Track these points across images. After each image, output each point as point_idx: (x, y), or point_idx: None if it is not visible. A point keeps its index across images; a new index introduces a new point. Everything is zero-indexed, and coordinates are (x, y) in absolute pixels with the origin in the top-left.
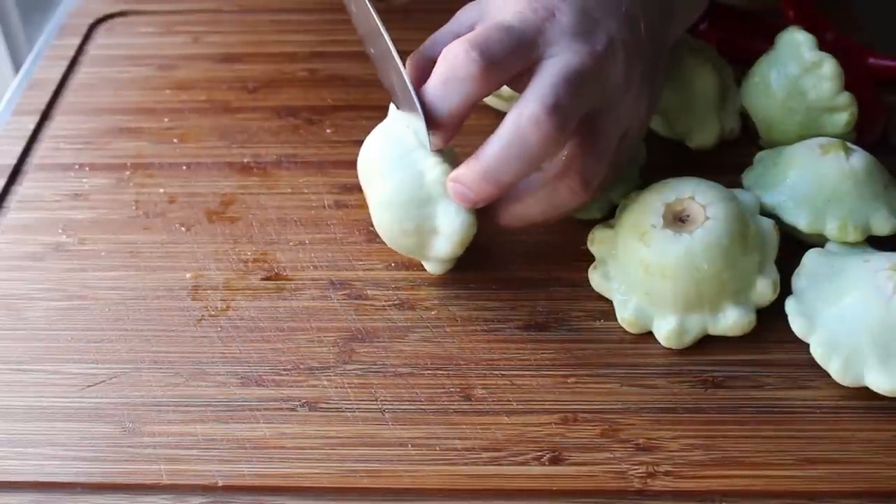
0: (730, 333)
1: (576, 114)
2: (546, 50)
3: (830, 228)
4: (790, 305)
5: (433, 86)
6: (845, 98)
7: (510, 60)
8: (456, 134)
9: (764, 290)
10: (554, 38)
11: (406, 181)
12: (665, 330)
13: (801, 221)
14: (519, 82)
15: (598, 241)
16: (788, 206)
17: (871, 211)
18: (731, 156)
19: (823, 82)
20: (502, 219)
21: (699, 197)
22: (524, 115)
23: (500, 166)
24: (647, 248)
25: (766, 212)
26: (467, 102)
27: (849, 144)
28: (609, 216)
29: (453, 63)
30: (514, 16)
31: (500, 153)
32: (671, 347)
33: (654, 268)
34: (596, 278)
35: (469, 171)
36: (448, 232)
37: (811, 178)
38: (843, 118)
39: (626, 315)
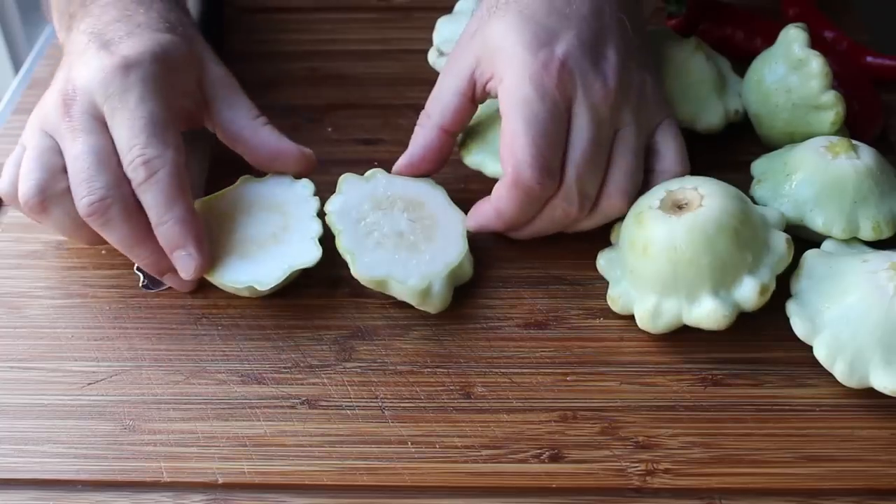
0: (703, 325)
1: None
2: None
3: (865, 230)
4: (791, 308)
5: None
6: (831, 97)
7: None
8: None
9: (748, 290)
10: (572, 90)
11: None
12: (642, 310)
13: (836, 230)
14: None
15: (615, 229)
16: (816, 218)
17: (893, 203)
18: (732, 154)
19: (810, 80)
20: (514, 236)
21: (701, 188)
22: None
23: (514, 216)
24: (639, 227)
25: (792, 226)
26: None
27: (852, 141)
28: None
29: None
30: (531, 84)
31: (512, 206)
32: (648, 330)
33: (639, 245)
34: (601, 262)
35: (489, 221)
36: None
37: (830, 183)
38: (828, 116)
39: (613, 293)
